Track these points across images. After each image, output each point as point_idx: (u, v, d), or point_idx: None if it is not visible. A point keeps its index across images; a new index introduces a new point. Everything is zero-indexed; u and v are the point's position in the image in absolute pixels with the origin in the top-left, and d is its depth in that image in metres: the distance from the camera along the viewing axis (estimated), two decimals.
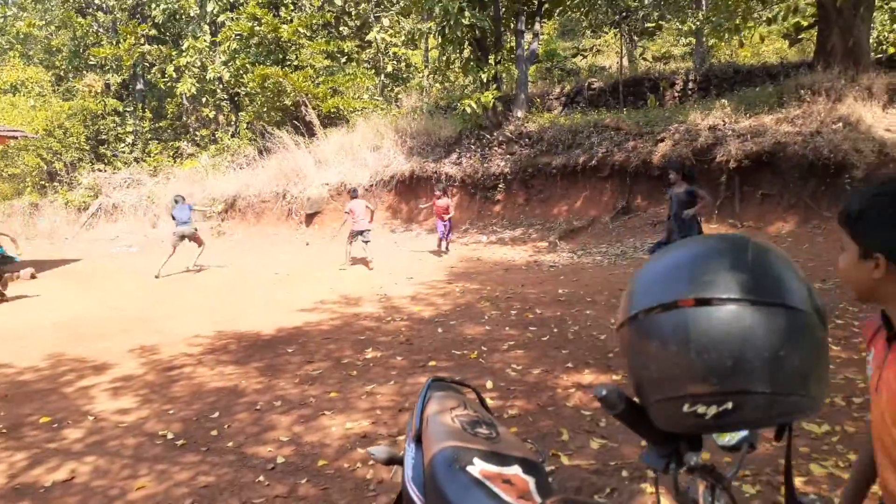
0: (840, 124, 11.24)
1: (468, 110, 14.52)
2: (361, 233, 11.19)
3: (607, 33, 20.76)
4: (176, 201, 12.11)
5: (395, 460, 2.07)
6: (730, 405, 1.08)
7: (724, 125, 12.38)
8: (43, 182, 22.09)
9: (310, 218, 16.35)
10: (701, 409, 1.09)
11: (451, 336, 6.45)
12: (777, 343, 1.06)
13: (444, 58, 15.67)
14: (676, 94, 17.10)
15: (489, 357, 5.67)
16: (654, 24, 19.24)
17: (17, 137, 14.97)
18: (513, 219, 14.42)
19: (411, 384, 5.11)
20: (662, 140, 13.06)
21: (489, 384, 4.91)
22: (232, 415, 4.68)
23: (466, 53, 15.66)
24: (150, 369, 5.97)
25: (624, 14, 17.97)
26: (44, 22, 24.11)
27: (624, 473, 3.44)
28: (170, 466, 3.89)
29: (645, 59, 21.14)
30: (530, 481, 1.64)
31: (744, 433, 1.20)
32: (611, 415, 1.20)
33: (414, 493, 1.75)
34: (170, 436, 4.35)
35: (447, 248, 12.24)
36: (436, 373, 5.33)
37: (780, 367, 1.07)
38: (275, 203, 16.88)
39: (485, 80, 14.75)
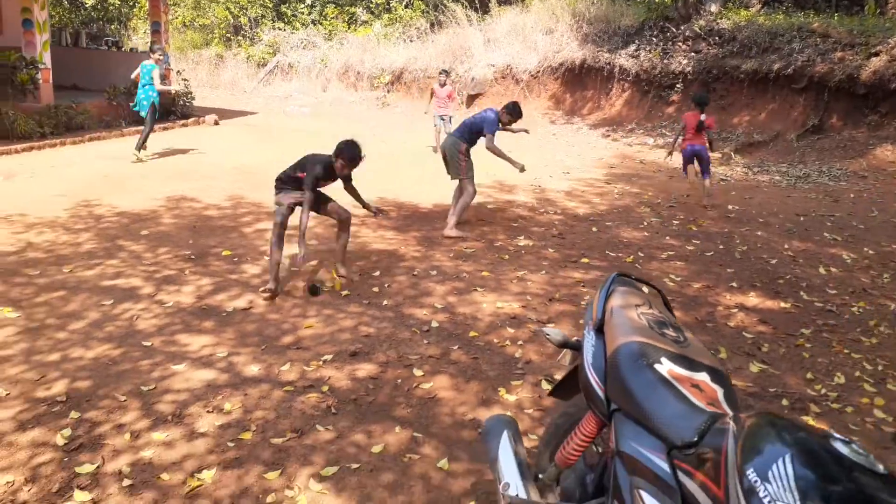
0: None
1: None
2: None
3: None
4: None
5: (568, 345, 2.08)
6: None
7: None
8: (228, 35, 23.37)
9: (471, 99, 16.22)
10: None
11: (607, 237, 6.31)
12: None
13: None
14: None
15: (646, 264, 5.51)
16: None
17: None
18: None
19: (562, 276, 5.11)
20: (877, 54, 11.41)
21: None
22: (392, 276, 4.95)
23: None
24: (319, 223, 6.38)
25: None
26: None
27: (784, 402, 3.29)
28: (335, 313, 4.22)
29: None
30: (719, 391, 1.58)
31: None
32: None
33: (593, 379, 1.76)
34: (336, 286, 4.69)
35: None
36: (588, 270, 5.28)
37: None
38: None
39: None
